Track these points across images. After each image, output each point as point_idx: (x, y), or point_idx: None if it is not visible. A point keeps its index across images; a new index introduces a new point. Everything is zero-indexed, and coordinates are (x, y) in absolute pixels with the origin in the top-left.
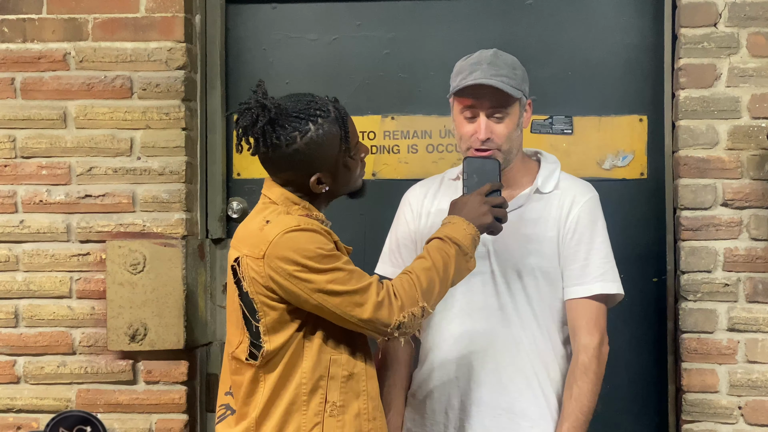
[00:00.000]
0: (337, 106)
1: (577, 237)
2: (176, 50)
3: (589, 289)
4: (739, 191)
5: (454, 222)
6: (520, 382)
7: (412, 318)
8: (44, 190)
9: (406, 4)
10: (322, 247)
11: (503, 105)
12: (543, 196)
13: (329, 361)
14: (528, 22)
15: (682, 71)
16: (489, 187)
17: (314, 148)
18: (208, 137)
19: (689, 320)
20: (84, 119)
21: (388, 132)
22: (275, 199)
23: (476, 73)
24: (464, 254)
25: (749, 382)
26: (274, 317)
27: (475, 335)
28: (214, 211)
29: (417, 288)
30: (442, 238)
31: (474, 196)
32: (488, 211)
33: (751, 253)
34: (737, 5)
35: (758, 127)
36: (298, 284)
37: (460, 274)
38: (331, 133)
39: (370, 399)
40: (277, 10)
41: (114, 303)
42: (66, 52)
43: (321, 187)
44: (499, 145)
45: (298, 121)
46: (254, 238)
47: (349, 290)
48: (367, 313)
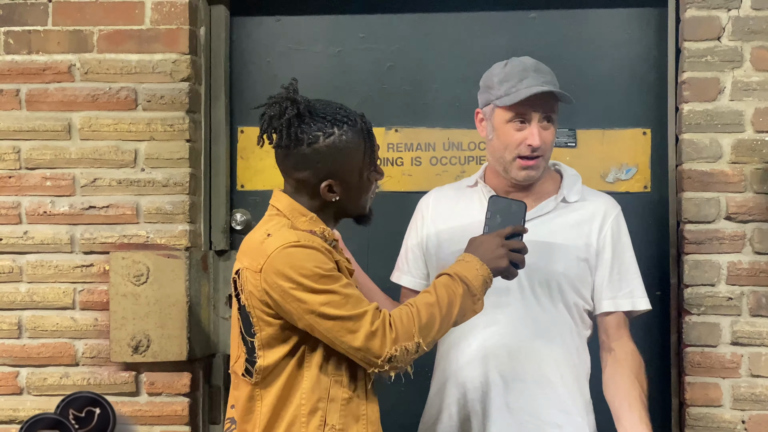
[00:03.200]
0: (365, 120)
1: (613, 250)
2: (181, 62)
3: (619, 303)
4: (743, 205)
5: (468, 261)
6: (546, 388)
7: (404, 352)
8: (48, 202)
9: (411, 17)
10: (321, 266)
11: (554, 111)
12: (568, 205)
13: (329, 383)
14: (532, 35)
15: (686, 85)
16: (510, 230)
17: (334, 152)
18: (212, 149)
19: (693, 334)
20: (88, 131)
21: (392, 144)
22: (282, 209)
23: (527, 80)
24: (472, 295)
25: (753, 396)
26: (270, 333)
27: (499, 339)
28: (217, 222)
29: (415, 322)
30: (452, 275)
31: (493, 237)
32: (505, 255)
33: (755, 266)
34: (741, 19)
35: (762, 140)
36: (291, 302)
37: (465, 315)
38: (354, 142)
39: (370, 423)
40: (281, 23)
41: (117, 314)
42: (71, 64)
43: (331, 195)
44: (546, 152)
45: (324, 122)
46: (254, 251)
47: (343, 315)
48: (359, 341)
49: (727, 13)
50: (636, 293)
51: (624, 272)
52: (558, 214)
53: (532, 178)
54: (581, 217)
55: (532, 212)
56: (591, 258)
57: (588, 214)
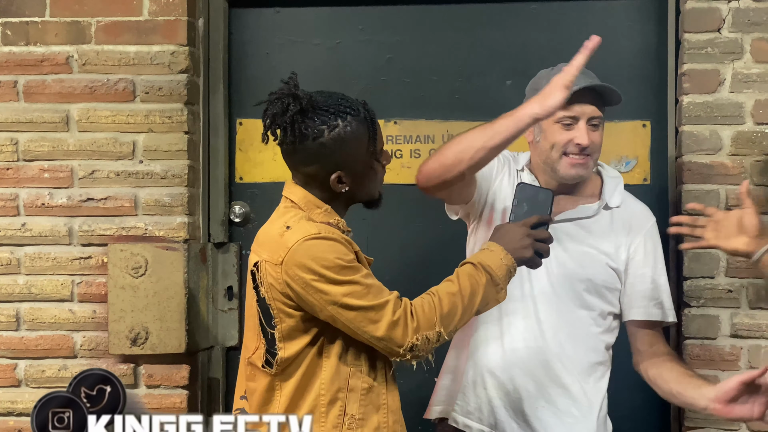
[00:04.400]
0: (367, 108)
1: (645, 259)
2: (179, 54)
3: (650, 313)
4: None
5: (492, 249)
6: (564, 383)
7: (425, 341)
8: (46, 193)
9: (410, 9)
10: (342, 258)
11: (600, 112)
12: (609, 210)
13: (349, 373)
14: (532, 27)
15: (686, 77)
16: (536, 219)
17: (340, 144)
18: (211, 141)
19: (692, 326)
20: (86, 122)
21: (391, 136)
22: (297, 201)
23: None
24: (495, 285)
25: None
26: (291, 324)
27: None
28: (216, 214)
29: (437, 312)
30: (476, 264)
31: (519, 227)
32: (530, 245)
33: None
34: (741, 11)
35: (762, 132)
36: (313, 294)
37: (487, 305)
38: (359, 132)
39: (391, 412)
40: (280, 14)
41: (115, 306)
42: (69, 55)
43: (341, 186)
44: (594, 152)
45: (328, 115)
46: (274, 244)
47: (365, 306)
48: (381, 330)
49: (728, 5)
50: (665, 305)
51: (655, 283)
52: (596, 219)
53: (581, 177)
54: (617, 224)
55: (571, 213)
56: (620, 266)
57: (623, 223)
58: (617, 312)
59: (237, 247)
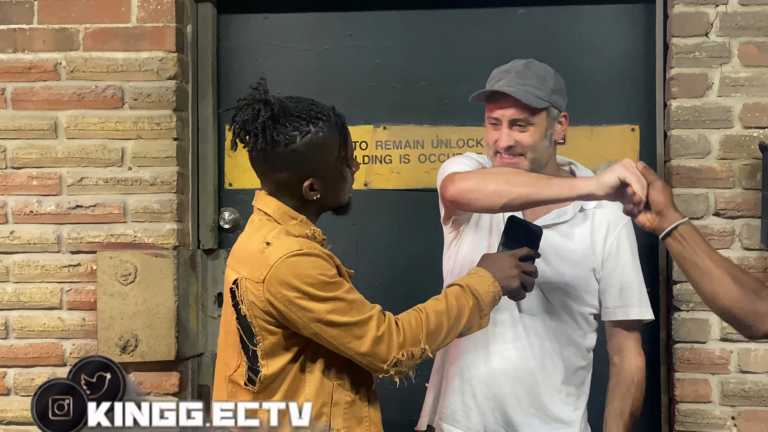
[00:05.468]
0: (338, 113)
1: (616, 260)
2: (168, 60)
3: (628, 312)
4: (731, 201)
5: (482, 275)
6: (552, 388)
7: (410, 357)
8: (35, 201)
9: (398, 14)
10: (325, 274)
11: (525, 114)
12: (584, 212)
13: (332, 388)
14: (520, 31)
15: (674, 81)
16: (525, 252)
17: (312, 150)
18: (200, 147)
19: (682, 330)
20: (75, 129)
21: (380, 142)
22: (272, 213)
23: (502, 81)
24: (480, 310)
25: (742, 392)
26: (273, 341)
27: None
28: (205, 221)
29: (423, 328)
30: (464, 287)
31: (508, 257)
32: (517, 275)
33: (744, 262)
34: (728, 15)
35: (750, 136)
36: (297, 312)
37: (470, 328)
38: (330, 137)
39: (373, 425)
40: (269, 20)
41: (105, 314)
42: (57, 62)
43: (313, 194)
44: (527, 151)
45: (300, 121)
46: (254, 260)
47: (349, 322)
48: (365, 346)
49: (715, 9)
50: (641, 302)
51: (633, 281)
52: (573, 222)
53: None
54: (592, 226)
55: (547, 218)
56: (597, 267)
57: (598, 224)
58: (597, 312)
59: (227, 254)
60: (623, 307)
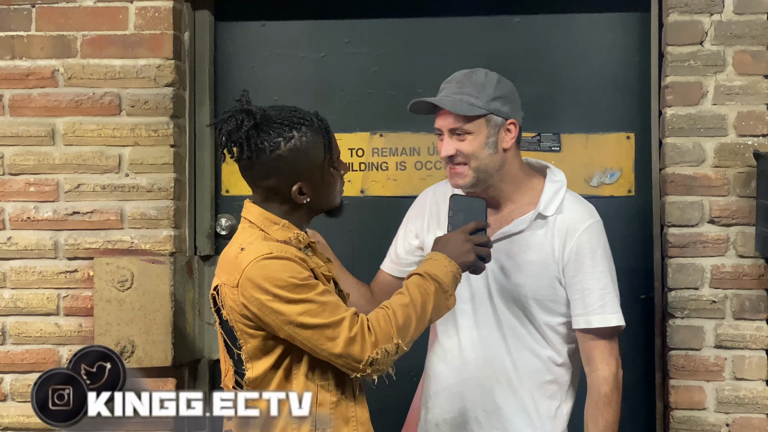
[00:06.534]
0: (320, 117)
1: (576, 267)
2: (165, 67)
3: (588, 320)
4: (726, 208)
5: (436, 259)
6: (515, 405)
7: (385, 355)
8: (32, 207)
9: (395, 22)
10: (295, 276)
11: (460, 123)
12: (546, 219)
13: (317, 389)
14: (516, 39)
15: (669, 89)
16: (474, 225)
17: (298, 155)
18: (197, 154)
19: (677, 337)
20: (72, 136)
21: (377, 149)
22: (254, 219)
23: (443, 92)
24: (444, 291)
25: (736, 399)
26: (255, 345)
27: (471, 357)
28: (202, 227)
29: (393, 324)
30: (422, 274)
31: (458, 234)
32: (471, 249)
33: (738, 270)
34: (723, 24)
35: (744, 144)
36: (270, 314)
37: (439, 312)
38: (315, 141)
39: (360, 424)
40: (266, 28)
41: (101, 320)
42: (54, 69)
43: (302, 197)
44: (471, 160)
45: (282, 128)
46: (230, 266)
47: (321, 323)
48: (339, 347)
49: (710, 18)
50: (604, 310)
51: (593, 288)
52: (532, 231)
53: (462, 185)
54: (552, 233)
55: (506, 229)
56: (560, 275)
57: (557, 230)
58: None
59: None
60: (585, 315)
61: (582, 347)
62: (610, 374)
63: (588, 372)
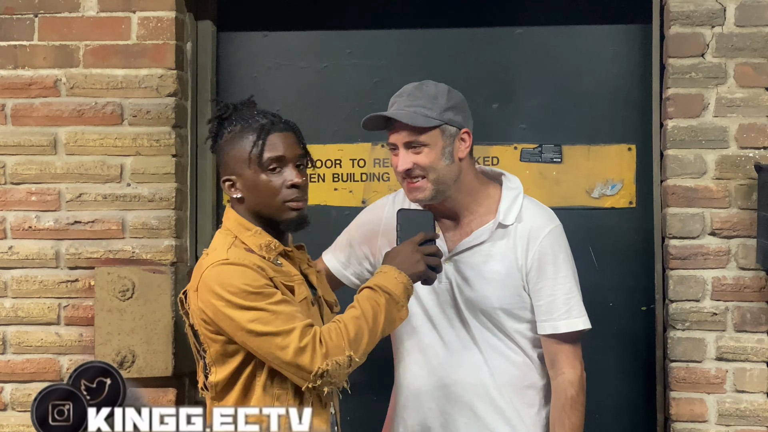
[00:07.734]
0: (273, 120)
1: (539, 274)
2: (167, 77)
3: (555, 326)
4: (727, 220)
5: (386, 271)
6: (494, 414)
7: (336, 367)
8: (33, 216)
9: (396, 33)
10: (250, 284)
11: (416, 135)
12: (506, 228)
13: (274, 396)
14: (518, 51)
15: (670, 101)
16: (422, 237)
17: (227, 148)
18: (198, 164)
19: (678, 349)
20: (74, 145)
21: (378, 159)
22: (230, 225)
23: (394, 106)
24: (396, 303)
25: (738, 411)
26: (217, 349)
27: (445, 369)
28: (203, 237)
29: (344, 337)
30: (373, 287)
31: (407, 245)
32: (421, 259)
33: (739, 282)
34: (724, 36)
35: (746, 156)
36: (223, 320)
37: (392, 324)
38: (243, 137)
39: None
40: (268, 38)
41: (102, 330)
42: (57, 79)
43: (233, 191)
44: (429, 172)
45: (232, 123)
46: (196, 270)
47: (271, 332)
48: (289, 356)
49: (711, 30)
50: (569, 314)
51: (558, 293)
52: (493, 242)
53: (421, 200)
54: (514, 241)
55: (466, 241)
56: (524, 282)
57: (519, 238)
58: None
59: None
60: (550, 320)
61: (546, 351)
62: (575, 377)
63: (553, 376)
